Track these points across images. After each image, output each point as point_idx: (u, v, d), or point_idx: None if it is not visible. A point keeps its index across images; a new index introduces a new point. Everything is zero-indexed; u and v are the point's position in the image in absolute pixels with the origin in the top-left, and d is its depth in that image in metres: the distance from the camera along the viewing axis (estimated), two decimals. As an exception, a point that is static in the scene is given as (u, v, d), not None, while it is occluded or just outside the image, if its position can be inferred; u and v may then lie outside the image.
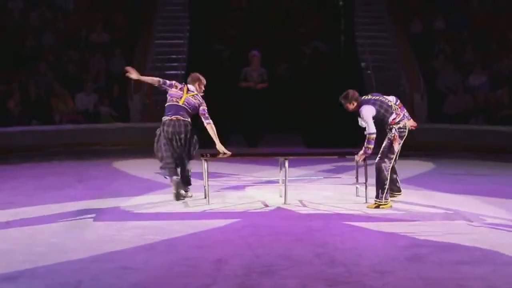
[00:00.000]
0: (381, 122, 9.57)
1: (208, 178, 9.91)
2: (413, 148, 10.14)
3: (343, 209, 9.51)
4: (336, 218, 9.03)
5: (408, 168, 12.20)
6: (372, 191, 9.65)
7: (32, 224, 8.61)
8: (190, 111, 10.08)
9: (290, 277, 6.48)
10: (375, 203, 9.54)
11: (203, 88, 10.36)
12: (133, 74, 10.33)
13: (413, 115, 15.04)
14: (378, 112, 9.52)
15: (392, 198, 9.69)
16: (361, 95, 9.83)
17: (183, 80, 17.45)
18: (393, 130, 9.53)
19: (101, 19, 19.51)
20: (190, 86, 10.25)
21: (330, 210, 9.46)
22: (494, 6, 19.80)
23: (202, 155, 10.10)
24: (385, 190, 9.48)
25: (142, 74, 10.62)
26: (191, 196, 10.10)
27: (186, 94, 10.12)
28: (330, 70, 18.63)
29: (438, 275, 6.51)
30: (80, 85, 17.45)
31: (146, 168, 13.35)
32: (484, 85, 17.29)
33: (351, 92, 9.77)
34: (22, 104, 16.67)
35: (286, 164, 9.87)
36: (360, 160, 9.78)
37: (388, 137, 9.56)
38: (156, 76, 10.95)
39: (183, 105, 10.03)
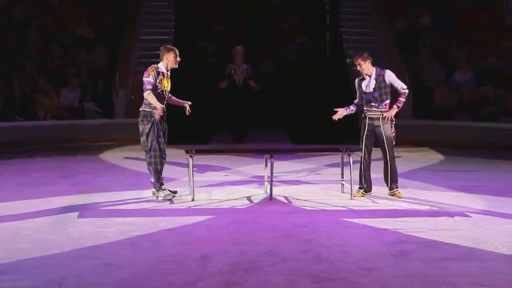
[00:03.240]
0: (379, 96, 9.73)
1: (193, 174, 9.86)
2: (398, 144, 10.14)
3: (328, 206, 9.51)
4: (322, 214, 9.02)
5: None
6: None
7: (15, 220, 8.55)
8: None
9: (276, 273, 6.45)
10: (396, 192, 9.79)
11: (176, 61, 9.93)
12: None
13: (398, 111, 15.12)
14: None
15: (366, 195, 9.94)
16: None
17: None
18: (391, 122, 9.75)
19: (86, 15, 19.43)
20: (159, 65, 9.85)
21: (316, 207, 9.44)
22: (479, 3, 19.85)
23: (187, 151, 10.05)
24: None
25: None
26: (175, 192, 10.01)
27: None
28: (315, 66, 18.63)
29: (424, 272, 6.51)
30: (65, 81, 17.37)
31: (131, 164, 13.31)
32: (469, 81, 17.34)
33: (367, 52, 10.02)
34: (5, 100, 16.56)
35: (272, 160, 9.85)
36: (391, 117, 9.78)
37: (390, 127, 9.76)
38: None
39: None
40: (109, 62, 18.39)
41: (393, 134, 9.86)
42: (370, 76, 9.86)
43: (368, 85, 9.84)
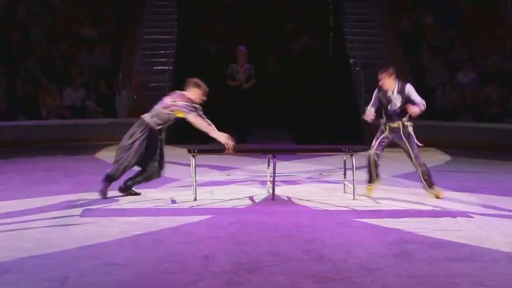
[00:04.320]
0: (399, 110, 9.82)
1: (195, 174, 9.86)
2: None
3: (331, 206, 9.50)
4: (324, 214, 9.02)
5: (397, 165, 12.20)
6: (360, 188, 9.76)
7: (18, 219, 8.55)
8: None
9: (278, 273, 6.45)
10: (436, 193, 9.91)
11: (202, 98, 9.90)
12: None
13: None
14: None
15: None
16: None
17: (170, 75, 17.53)
18: (411, 127, 9.83)
19: (89, 14, 19.44)
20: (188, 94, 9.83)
21: (318, 207, 9.43)
22: (483, 3, 19.83)
23: (189, 151, 10.05)
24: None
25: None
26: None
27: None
28: (318, 67, 18.62)
29: (426, 272, 6.50)
30: (68, 80, 17.37)
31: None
32: (472, 81, 17.32)
33: (392, 67, 10.01)
34: (9, 99, 16.57)
35: (274, 160, 9.85)
36: (415, 113, 9.84)
37: (410, 132, 9.83)
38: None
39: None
40: (112, 61, 18.39)
41: (415, 139, 9.88)
42: (392, 91, 9.84)
43: (393, 101, 9.81)
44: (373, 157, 10.00)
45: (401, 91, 9.85)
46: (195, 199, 9.73)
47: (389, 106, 9.86)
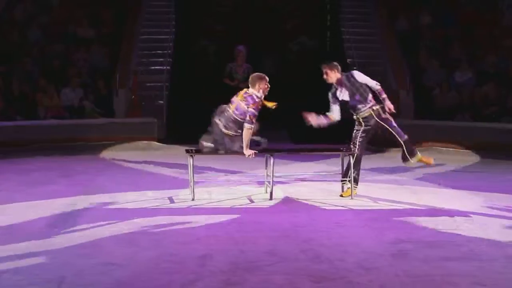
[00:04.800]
0: (360, 98, 9.81)
1: (193, 173, 9.86)
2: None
3: (328, 205, 9.50)
4: (322, 214, 9.02)
5: (394, 164, 12.21)
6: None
7: (15, 220, 8.54)
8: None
9: (276, 273, 6.45)
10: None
11: (266, 87, 9.91)
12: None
13: (399, 111, 15.07)
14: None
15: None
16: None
17: (167, 75, 17.53)
18: (380, 109, 9.83)
19: (87, 14, 19.42)
20: (251, 90, 9.83)
21: (316, 206, 9.44)
22: (480, 2, 19.83)
23: (187, 151, 10.05)
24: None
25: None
26: None
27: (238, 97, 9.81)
28: (316, 66, 18.57)
29: (424, 271, 6.50)
30: (65, 80, 17.36)
31: (131, 164, 13.31)
32: (470, 81, 17.32)
33: (336, 63, 10.07)
34: (6, 99, 16.55)
35: (272, 160, 9.85)
36: (392, 108, 9.86)
37: (384, 115, 9.87)
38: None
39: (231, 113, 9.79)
40: (110, 61, 18.38)
41: (389, 117, 9.91)
42: (341, 85, 9.86)
43: (343, 93, 9.86)
44: (359, 157, 9.98)
45: (349, 79, 9.87)
46: (193, 199, 9.74)
47: (350, 100, 9.86)
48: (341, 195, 10.01)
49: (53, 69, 17.84)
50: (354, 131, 9.99)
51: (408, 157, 9.98)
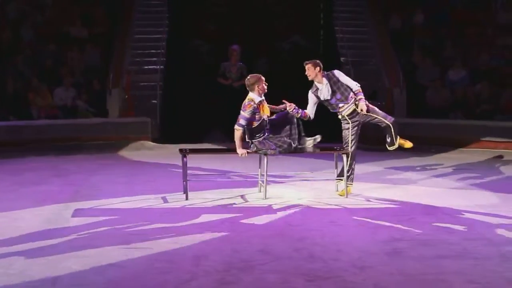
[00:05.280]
0: (341, 96, 9.87)
1: (187, 173, 9.85)
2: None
3: (322, 204, 9.50)
4: (316, 213, 9.02)
5: (387, 162, 12.22)
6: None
7: (8, 220, 8.53)
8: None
9: (270, 272, 6.45)
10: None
11: (264, 87, 9.97)
12: None
13: (392, 110, 15.07)
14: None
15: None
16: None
17: (161, 75, 17.51)
18: (363, 101, 9.89)
19: (80, 14, 19.37)
20: (250, 95, 9.90)
21: (310, 205, 9.44)
22: (473, 1, 19.85)
23: (181, 150, 10.05)
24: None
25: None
26: None
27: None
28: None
29: (418, 270, 6.50)
30: (58, 80, 17.32)
31: (124, 163, 13.30)
32: (463, 79, 17.34)
33: (318, 60, 10.12)
34: (-1, 99, 16.52)
35: (266, 159, 9.85)
36: (366, 108, 9.88)
37: (366, 107, 9.89)
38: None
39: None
40: (103, 61, 18.35)
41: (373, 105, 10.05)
42: (322, 83, 9.89)
43: (323, 92, 9.90)
44: (352, 156, 10.01)
45: (330, 78, 9.93)
46: (186, 199, 9.73)
47: (330, 99, 9.90)
48: (339, 194, 10.03)
49: (46, 69, 17.80)
50: (343, 130, 10.02)
51: (394, 139, 10.03)
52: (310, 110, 10.11)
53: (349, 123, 9.96)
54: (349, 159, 9.92)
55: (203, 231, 8.01)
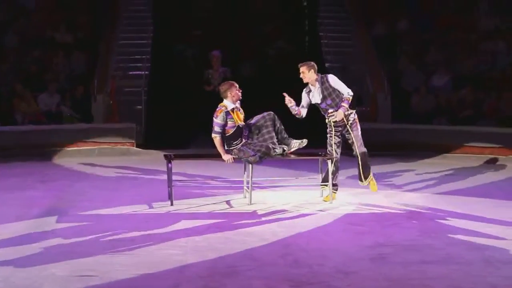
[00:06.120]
0: (332, 102, 9.84)
1: (172, 179, 9.84)
2: (377, 147, 10.19)
3: (307, 210, 9.51)
4: (301, 218, 9.03)
5: (372, 168, 12.22)
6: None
7: (-7, 226, 8.50)
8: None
9: (255, 278, 6.45)
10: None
11: (238, 94, 9.88)
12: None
13: (377, 115, 15.07)
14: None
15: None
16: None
17: (146, 80, 17.49)
18: (352, 115, 9.89)
19: (64, 19, 19.32)
20: (224, 102, 9.87)
21: (295, 211, 9.45)
22: (457, 7, 19.95)
23: (166, 156, 10.04)
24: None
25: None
26: None
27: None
28: (294, 71, 18.61)
29: (402, 275, 6.53)
30: (43, 86, 17.26)
31: (109, 169, 13.25)
32: (446, 85, 17.42)
33: (313, 62, 10.05)
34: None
35: (251, 165, 9.86)
36: (341, 118, 9.87)
37: (354, 123, 9.89)
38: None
39: None
40: (87, 66, 18.30)
41: (359, 127, 9.97)
42: (315, 86, 9.91)
43: (314, 95, 9.93)
44: (337, 162, 10.03)
45: (323, 83, 9.89)
46: (171, 204, 9.72)
47: (321, 103, 9.92)
48: (324, 200, 10.06)
49: (30, 75, 17.73)
50: (328, 136, 10.04)
51: (362, 176, 10.01)
52: (303, 109, 10.10)
53: (332, 131, 9.97)
54: (332, 165, 9.93)
55: (187, 237, 8.00)
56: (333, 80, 9.93)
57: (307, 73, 9.93)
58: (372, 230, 8.28)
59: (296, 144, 9.94)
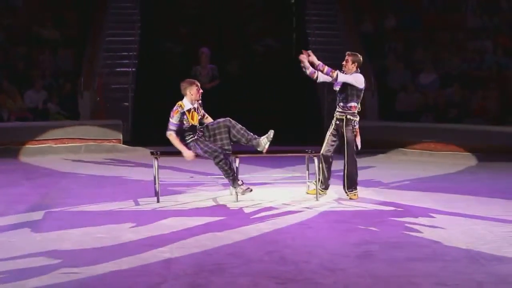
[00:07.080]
0: (345, 97, 9.83)
1: (158, 176, 9.82)
2: (363, 145, 10.19)
3: (294, 207, 9.52)
4: (287, 215, 9.03)
5: (359, 166, 12.24)
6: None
7: (-22, 223, 8.46)
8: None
9: (241, 275, 6.45)
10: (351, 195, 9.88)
11: (198, 94, 9.76)
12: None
13: (364, 113, 15.09)
14: (361, 90, 9.96)
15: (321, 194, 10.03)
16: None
17: (133, 77, 17.46)
18: (354, 123, 9.79)
19: (51, 16, 19.25)
20: (183, 100, 9.75)
21: (281, 208, 9.45)
22: (444, 5, 20.01)
23: (152, 153, 10.03)
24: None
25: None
26: None
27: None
28: (282, 68, 18.63)
29: (388, 272, 6.54)
30: (29, 82, 17.20)
31: (95, 166, 13.23)
32: (434, 83, 17.47)
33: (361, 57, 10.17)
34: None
35: (237, 162, 9.85)
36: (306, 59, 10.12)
37: (352, 131, 9.76)
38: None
39: None
40: (75, 63, 18.25)
41: (356, 137, 9.89)
42: (347, 74, 9.95)
43: (339, 84, 9.93)
44: (320, 159, 10.00)
45: (353, 77, 9.95)
46: (158, 201, 9.70)
47: (338, 91, 9.94)
48: (307, 192, 10.08)
49: (16, 71, 17.67)
50: (327, 132, 10.05)
51: (345, 188, 9.99)
52: (323, 76, 10.09)
53: (332, 125, 9.97)
54: (320, 162, 9.93)
55: (174, 233, 7.99)
56: (356, 76, 9.96)
57: (349, 64, 9.97)
58: (358, 228, 8.29)
59: (264, 140, 9.75)
